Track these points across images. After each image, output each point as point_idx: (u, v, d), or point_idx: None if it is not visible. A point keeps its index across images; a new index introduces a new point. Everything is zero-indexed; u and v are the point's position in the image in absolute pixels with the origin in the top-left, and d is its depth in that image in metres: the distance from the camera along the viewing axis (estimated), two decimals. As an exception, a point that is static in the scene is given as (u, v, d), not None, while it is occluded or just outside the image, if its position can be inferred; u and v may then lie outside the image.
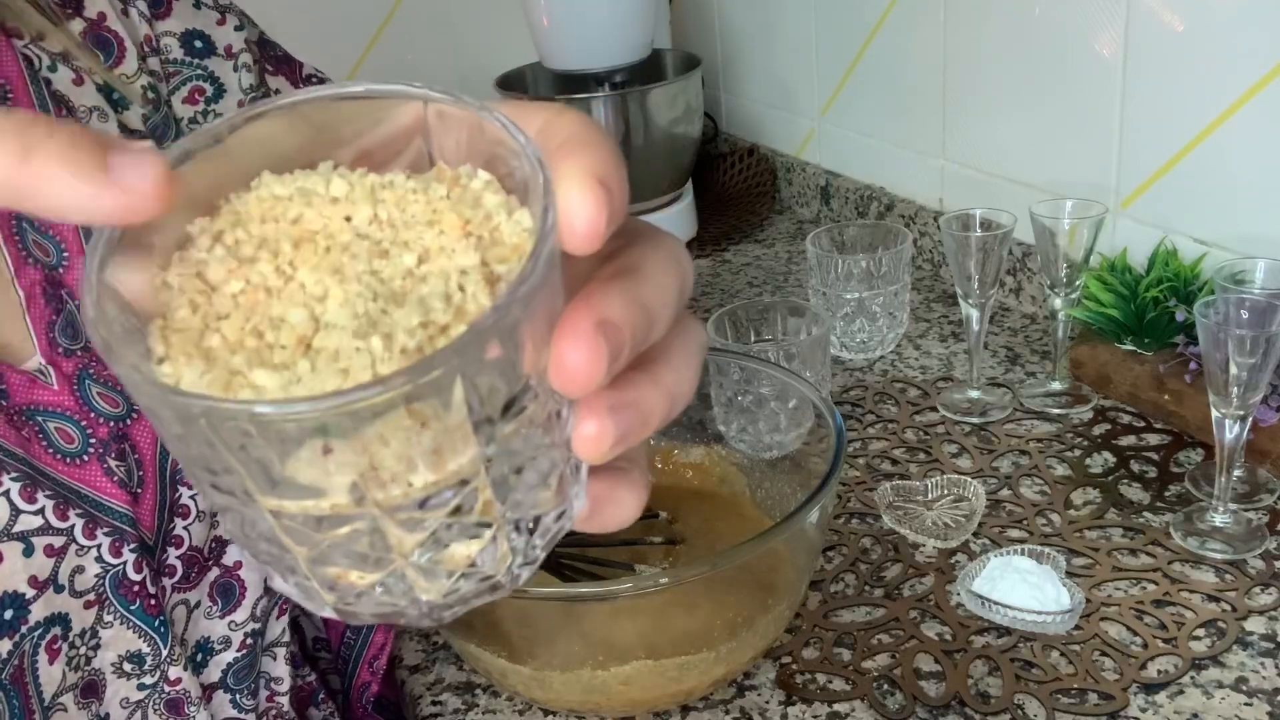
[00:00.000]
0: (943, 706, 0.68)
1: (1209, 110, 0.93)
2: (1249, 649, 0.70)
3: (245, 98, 0.67)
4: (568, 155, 0.27)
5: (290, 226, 0.27)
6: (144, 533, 0.57)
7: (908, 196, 1.31)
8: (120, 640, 0.57)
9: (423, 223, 0.27)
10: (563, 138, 0.28)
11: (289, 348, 0.25)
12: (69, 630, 0.55)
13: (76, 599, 0.55)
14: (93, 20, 0.61)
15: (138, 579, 0.57)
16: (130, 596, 0.57)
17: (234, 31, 0.67)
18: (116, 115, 0.62)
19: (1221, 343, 0.73)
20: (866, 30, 1.30)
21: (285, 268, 0.26)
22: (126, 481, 0.56)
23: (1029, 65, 1.09)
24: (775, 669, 0.72)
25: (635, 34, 1.34)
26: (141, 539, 0.57)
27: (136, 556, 0.57)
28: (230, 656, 0.65)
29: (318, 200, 0.27)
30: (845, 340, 1.10)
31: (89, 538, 0.55)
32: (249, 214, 0.27)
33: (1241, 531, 0.79)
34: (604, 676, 0.65)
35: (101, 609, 0.56)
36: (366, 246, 0.26)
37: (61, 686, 0.55)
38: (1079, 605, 0.73)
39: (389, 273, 0.26)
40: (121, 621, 0.57)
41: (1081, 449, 0.92)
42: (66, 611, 0.54)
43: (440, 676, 0.76)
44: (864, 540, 0.84)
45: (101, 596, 0.56)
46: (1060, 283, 0.96)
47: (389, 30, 1.57)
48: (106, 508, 0.55)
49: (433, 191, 0.28)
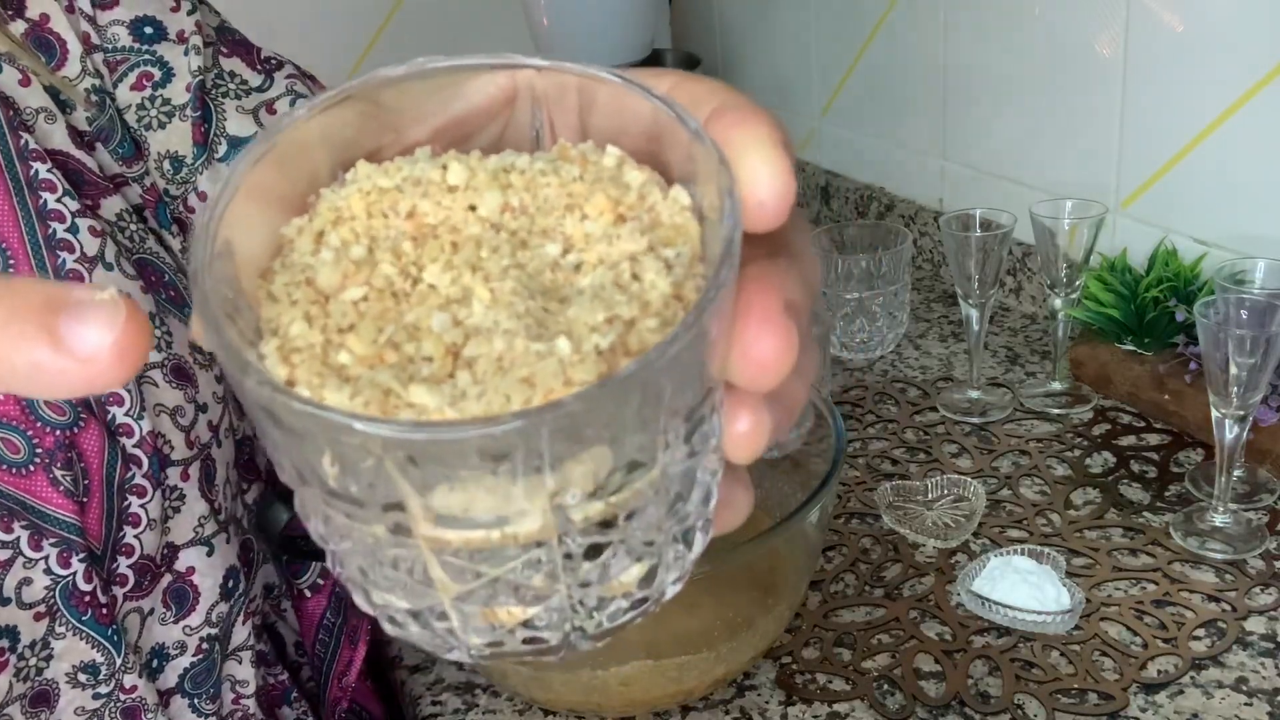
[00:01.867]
0: (943, 706, 0.68)
1: (1209, 110, 0.93)
2: (1249, 649, 0.70)
3: (192, 80, 0.65)
4: (736, 124, 0.24)
5: (404, 221, 0.24)
6: (92, 542, 0.56)
7: (908, 196, 1.31)
8: (73, 651, 0.57)
9: (560, 208, 0.24)
10: (712, 105, 0.25)
11: (436, 359, 0.21)
12: (17, 642, 0.54)
13: (25, 610, 0.54)
14: (34, 21, 0.60)
15: (88, 589, 0.56)
16: (81, 607, 0.56)
17: (186, 16, 0.66)
18: (64, 116, 0.60)
19: (1221, 343, 0.73)
20: (866, 30, 1.30)
21: (410, 269, 0.23)
22: (73, 491, 0.54)
23: (1029, 65, 1.09)
24: (775, 669, 0.72)
25: (635, 34, 1.34)
26: (90, 549, 0.56)
27: (85, 567, 0.56)
28: (186, 661, 0.64)
29: (434, 189, 0.24)
30: (845, 340, 1.10)
31: (35, 549, 0.54)
32: (351, 210, 0.24)
33: (1241, 531, 0.79)
34: (604, 676, 0.65)
35: (53, 620, 0.55)
36: (505, 238, 0.24)
37: (8, 697, 0.54)
38: (1079, 605, 0.73)
39: (534, 266, 0.23)
40: (74, 633, 0.56)
41: (1081, 449, 0.92)
42: (14, 624, 0.54)
43: (440, 676, 0.76)
44: (864, 540, 0.84)
45: (52, 608, 0.55)
46: (1060, 283, 0.96)
47: (389, 30, 1.57)
48: (53, 518, 0.54)
49: (564, 173, 0.24)
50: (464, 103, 0.26)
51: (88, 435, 0.54)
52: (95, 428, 0.54)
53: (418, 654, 0.78)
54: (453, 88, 0.26)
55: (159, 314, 0.59)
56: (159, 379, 0.58)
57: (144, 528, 0.57)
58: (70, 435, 0.54)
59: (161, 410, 0.57)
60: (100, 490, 0.55)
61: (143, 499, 0.57)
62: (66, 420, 0.54)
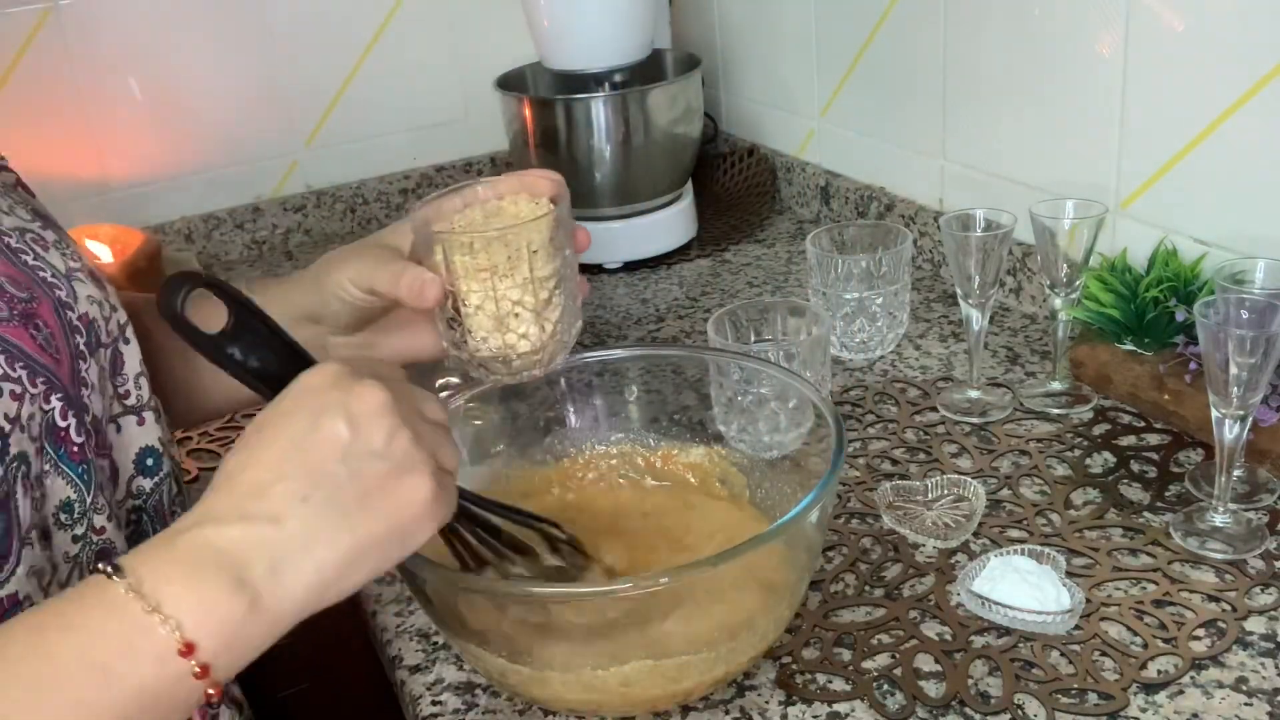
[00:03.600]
0: (943, 706, 0.68)
1: (1209, 110, 0.93)
2: (1249, 649, 0.70)
3: None
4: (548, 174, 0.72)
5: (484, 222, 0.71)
6: (69, 389, 0.63)
7: (908, 196, 1.31)
8: (56, 489, 0.61)
9: (510, 209, 0.72)
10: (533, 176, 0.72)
11: None
12: (30, 471, 0.59)
13: (32, 443, 0.59)
14: None
15: (63, 425, 0.62)
16: (58, 441, 0.61)
17: None
18: None
19: (1221, 343, 0.73)
20: (866, 30, 1.30)
21: None
22: (45, 346, 0.62)
23: (1029, 65, 1.09)
24: (775, 669, 0.72)
25: (635, 34, 1.34)
26: (65, 392, 0.62)
27: (62, 405, 0.62)
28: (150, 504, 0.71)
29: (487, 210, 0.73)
30: (845, 340, 1.10)
31: (32, 386, 0.60)
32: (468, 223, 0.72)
33: (1241, 531, 0.79)
34: (604, 676, 0.65)
35: (42, 459, 0.60)
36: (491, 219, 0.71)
37: (32, 522, 0.59)
38: (1079, 605, 0.73)
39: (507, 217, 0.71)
40: (54, 469, 0.61)
41: (1081, 449, 0.92)
42: (27, 452, 0.59)
43: (440, 676, 0.76)
44: (864, 540, 0.84)
45: (42, 447, 0.60)
46: (1060, 283, 0.96)
47: (389, 30, 1.57)
48: (39, 362, 0.61)
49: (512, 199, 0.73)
50: None
51: (44, 307, 0.63)
52: (47, 303, 0.64)
53: (418, 654, 0.78)
54: None
55: (63, 240, 0.70)
56: (83, 278, 0.68)
57: (91, 390, 0.65)
58: (33, 307, 0.63)
59: (91, 299, 0.67)
60: (65, 349, 0.64)
61: (85, 363, 0.65)
62: (25, 296, 0.63)
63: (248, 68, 1.50)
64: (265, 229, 1.57)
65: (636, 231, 1.38)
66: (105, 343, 0.68)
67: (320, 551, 0.52)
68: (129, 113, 1.46)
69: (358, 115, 1.58)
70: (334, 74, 1.56)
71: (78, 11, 1.40)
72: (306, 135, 1.57)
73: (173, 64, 1.46)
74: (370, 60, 1.57)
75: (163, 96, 1.47)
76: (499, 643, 0.67)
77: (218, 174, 1.53)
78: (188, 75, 1.47)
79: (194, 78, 1.48)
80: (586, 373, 0.85)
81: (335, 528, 0.53)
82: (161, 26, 1.44)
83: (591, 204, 1.36)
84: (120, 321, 0.70)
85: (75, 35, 1.40)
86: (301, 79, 1.54)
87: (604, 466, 0.86)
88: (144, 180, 1.49)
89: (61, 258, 0.67)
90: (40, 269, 0.65)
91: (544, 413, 0.86)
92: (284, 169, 1.57)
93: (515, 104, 1.36)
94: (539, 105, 1.35)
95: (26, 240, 0.66)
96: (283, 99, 1.53)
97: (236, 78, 1.50)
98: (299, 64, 1.53)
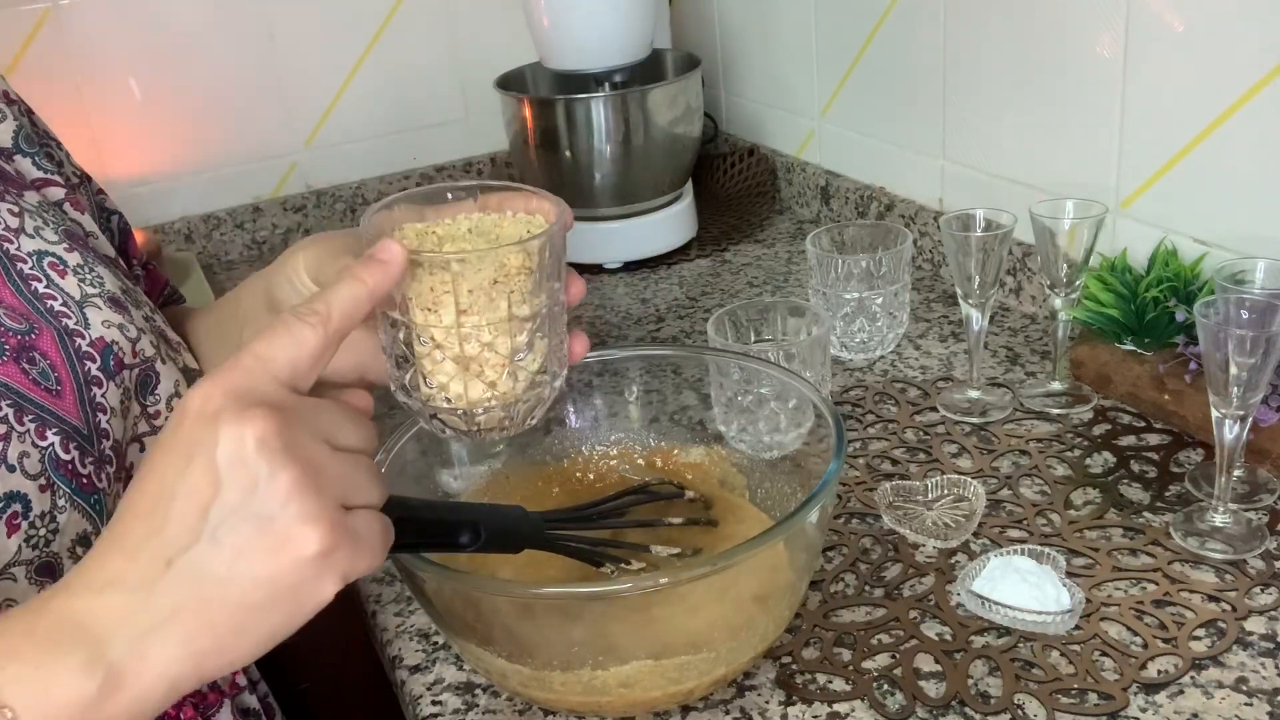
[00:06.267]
0: (943, 706, 0.68)
1: (1209, 110, 0.93)
2: (1249, 649, 0.70)
3: None
4: (533, 198, 0.61)
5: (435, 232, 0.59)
6: (75, 424, 0.62)
7: (908, 196, 1.31)
8: (72, 524, 0.60)
9: (491, 227, 0.59)
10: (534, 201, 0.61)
11: None
12: (29, 510, 0.58)
13: (31, 481, 0.58)
14: None
15: (67, 458, 0.61)
16: (67, 474, 0.60)
17: None
18: None
19: (1221, 343, 0.73)
20: (866, 30, 1.30)
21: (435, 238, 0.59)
22: (40, 381, 0.61)
23: (1029, 65, 1.09)
24: (775, 669, 0.72)
25: (635, 34, 1.34)
26: (63, 425, 0.61)
27: (61, 438, 0.61)
28: None
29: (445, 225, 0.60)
30: (845, 340, 1.10)
31: (19, 424, 0.59)
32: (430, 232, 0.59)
33: (1241, 531, 0.79)
34: (604, 676, 0.65)
35: (54, 494, 0.59)
36: (475, 236, 0.59)
37: (15, 559, 0.58)
38: (1079, 605, 0.73)
39: (489, 236, 0.58)
40: (69, 503, 0.60)
41: (1081, 449, 0.92)
42: (24, 491, 0.58)
43: (440, 676, 0.76)
44: (864, 540, 0.84)
45: (50, 481, 0.59)
46: (1060, 283, 0.96)
47: (389, 30, 1.57)
48: (28, 398, 0.60)
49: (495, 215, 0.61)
50: None
51: (44, 339, 0.62)
52: (48, 333, 0.62)
53: (418, 654, 0.78)
54: None
55: (88, 264, 0.67)
56: (101, 304, 0.66)
57: (110, 415, 0.64)
58: (30, 339, 0.62)
59: (109, 324, 0.66)
60: (69, 379, 0.62)
61: (100, 388, 0.63)
62: (23, 329, 0.62)
63: (248, 68, 1.50)
64: (265, 229, 1.57)
65: (636, 231, 1.38)
66: (130, 364, 0.65)
67: (188, 622, 0.46)
68: (129, 113, 1.46)
69: (358, 115, 1.58)
70: (334, 74, 1.56)
71: (78, 11, 1.40)
72: (306, 135, 1.57)
73: (173, 64, 1.46)
74: (370, 60, 1.57)
75: (163, 96, 1.47)
76: (499, 643, 0.67)
77: (218, 174, 1.53)
78: (188, 75, 1.47)
79: (194, 78, 1.48)
80: (586, 373, 0.85)
81: (202, 597, 0.46)
82: (161, 26, 1.44)
83: (591, 204, 1.36)
84: (152, 342, 0.67)
85: (75, 35, 1.40)
86: (301, 79, 1.54)
87: (604, 466, 0.86)
88: (144, 180, 1.49)
89: (78, 284, 0.65)
90: (50, 296, 0.64)
91: (544, 413, 0.86)
92: (284, 169, 1.57)
93: (515, 104, 1.36)
94: (539, 105, 1.35)
95: (43, 265, 0.65)
96: (283, 99, 1.54)
97: (236, 78, 1.50)
98: (299, 64, 1.53)
